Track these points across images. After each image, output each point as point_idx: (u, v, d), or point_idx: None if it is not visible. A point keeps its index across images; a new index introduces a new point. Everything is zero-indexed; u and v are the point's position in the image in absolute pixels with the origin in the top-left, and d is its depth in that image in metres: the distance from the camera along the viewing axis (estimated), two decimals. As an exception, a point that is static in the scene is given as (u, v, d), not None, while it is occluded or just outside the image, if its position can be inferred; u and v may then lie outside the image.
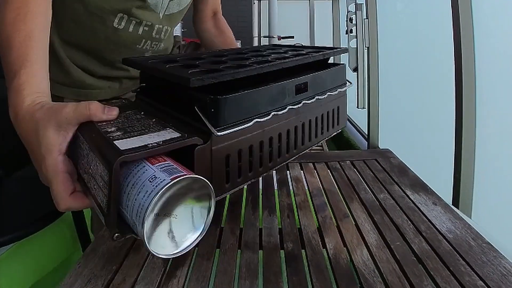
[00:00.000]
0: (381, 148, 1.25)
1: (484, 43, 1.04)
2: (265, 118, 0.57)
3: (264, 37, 4.76)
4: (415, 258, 0.59)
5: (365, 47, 1.45)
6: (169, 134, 0.47)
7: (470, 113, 0.97)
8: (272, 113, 0.58)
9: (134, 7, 0.82)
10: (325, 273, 0.56)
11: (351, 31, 1.69)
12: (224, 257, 0.61)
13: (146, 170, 0.41)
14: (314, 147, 0.75)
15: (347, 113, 0.84)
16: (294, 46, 0.90)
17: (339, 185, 0.87)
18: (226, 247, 0.64)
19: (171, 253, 0.42)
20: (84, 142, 0.48)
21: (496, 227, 0.90)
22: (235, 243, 0.65)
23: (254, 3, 5.13)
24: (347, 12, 1.74)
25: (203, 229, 0.45)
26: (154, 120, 0.53)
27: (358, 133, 2.14)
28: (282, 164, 0.66)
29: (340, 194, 0.83)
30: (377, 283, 0.54)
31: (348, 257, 0.60)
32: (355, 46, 1.48)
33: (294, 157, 0.68)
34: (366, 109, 1.36)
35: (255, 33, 5.11)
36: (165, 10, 0.90)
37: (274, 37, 4.50)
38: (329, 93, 0.71)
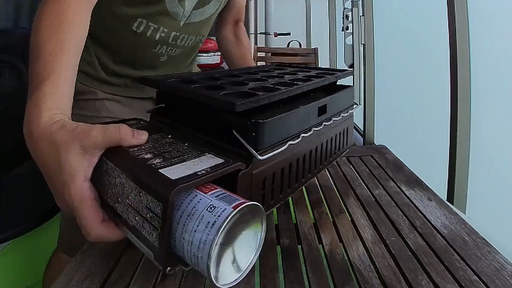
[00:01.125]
0: (376, 144, 1.26)
1: (480, 40, 1.04)
2: (297, 141, 0.58)
3: (261, 33, 4.76)
4: (410, 253, 0.60)
5: (361, 44, 1.45)
6: (211, 160, 0.46)
7: (465, 109, 0.98)
8: (302, 135, 0.60)
9: (154, 13, 0.83)
10: (321, 268, 0.57)
11: (347, 28, 1.69)
12: (221, 253, 0.61)
13: (201, 199, 0.40)
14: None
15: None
16: (296, 66, 0.92)
17: (335, 181, 0.88)
18: (223, 243, 0.64)
19: (234, 280, 0.41)
20: (115, 169, 0.45)
21: (490, 223, 0.91)
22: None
23: (250, 0, 5.12)
24: (344, 9, 1.75)
25: (256, 249, 0.44)
26: (186, 144, 0.52)
27: (354, 130, 2.15)
28: (303, 186, 0.67)
29: (336, 190, 0.83)
30: (373, 278, 0.54)
31: (344, 253, 0.61)
32: (351, 43, 1.49)
33: (312, 178, 0.68)
34: (362, 106, 1.36)
35: (252, 30, 5.11)
36: (187, 19, 0.90)
37: (270, 34, 4.49)
38: (342, 115, 0.73)
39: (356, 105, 0.80)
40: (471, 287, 0.52)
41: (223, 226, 0.36)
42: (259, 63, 3.62)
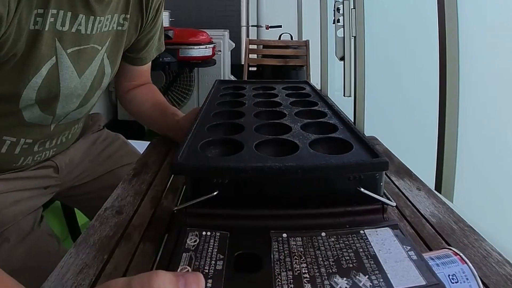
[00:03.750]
0: (367, 135, 1.27)
1: (468, 32, 1.05)
2: None
3: (252, 26, 4.74)
4: (399, 242, 0.61)
5: (352, 36, 1.46)
6: (389, 235, 0.43)
7: (453, 101, 0.99)
8: None
9: (8, 125, 0.66)
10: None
11: (338, 20, 1.69)
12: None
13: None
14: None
15: (334, 101, 0.86)
16: (268, 84, 0.92)
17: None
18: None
19: None
20: None
21: (476, 211, 0.93)
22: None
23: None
24: (335, 2, 1.75)
25: None
26: (323, 234, 0.43)
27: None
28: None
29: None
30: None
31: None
32: (342, 36, 1.49)
33: None
34: (352, 98, 1.37)
35: (243, 22, 5.09)
36: (62, 120, 0.77)
37: (262, 27, 4.48)
38: None
39: None
40: (458, 273, 0.53)
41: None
42: (251, 56, 3.62)
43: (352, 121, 1.43)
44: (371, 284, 0.36)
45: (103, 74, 0.83)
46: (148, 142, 1.05)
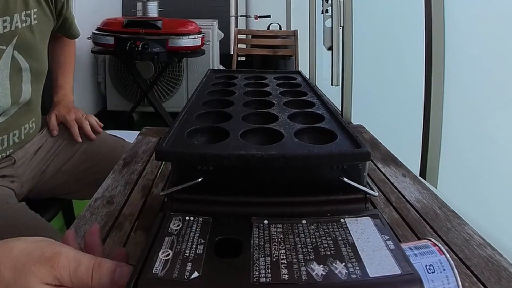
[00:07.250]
0: (354, 123, 1.28)
1: (454, 22, 1.07)
2: None
3: (241, 16, 4.72)
4: (385, 227, 0.62)
5: (340, 26, 1.47)
6: (368, 222, 0.43)
7: (438, 92, 1.01)
8: None
9: None
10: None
11: (326, 11, 1.70)
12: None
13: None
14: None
15: (322, 90, 0.87)
16: (260, 74, 0.93)
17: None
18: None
19: None
20: None
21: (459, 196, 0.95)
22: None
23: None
24: (323, -9, 1.75)
25: None
26: (304, 221, 0.44)
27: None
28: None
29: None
30: (349, 250, 0.57)
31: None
32: (330, 26, 1.50)
33: None
34: (340, 87, 1.39)
35: (232, 12, 5.06)
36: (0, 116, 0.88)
37: (251, 17, 4.46)
38: None
39: None
40: (441, 256, 0.55)
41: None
42: (239, 46, 3.60)
43: (340, 110, 1.44)
44: (346, 271, 0.36)
45: (19, 70, 0.91)
46: (138, 132, 1.06)
